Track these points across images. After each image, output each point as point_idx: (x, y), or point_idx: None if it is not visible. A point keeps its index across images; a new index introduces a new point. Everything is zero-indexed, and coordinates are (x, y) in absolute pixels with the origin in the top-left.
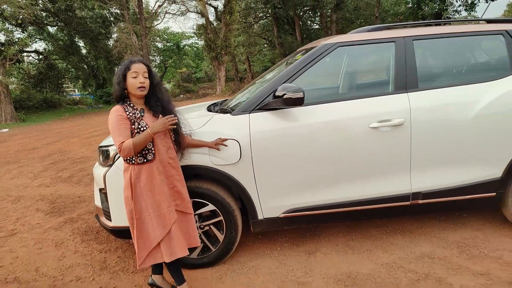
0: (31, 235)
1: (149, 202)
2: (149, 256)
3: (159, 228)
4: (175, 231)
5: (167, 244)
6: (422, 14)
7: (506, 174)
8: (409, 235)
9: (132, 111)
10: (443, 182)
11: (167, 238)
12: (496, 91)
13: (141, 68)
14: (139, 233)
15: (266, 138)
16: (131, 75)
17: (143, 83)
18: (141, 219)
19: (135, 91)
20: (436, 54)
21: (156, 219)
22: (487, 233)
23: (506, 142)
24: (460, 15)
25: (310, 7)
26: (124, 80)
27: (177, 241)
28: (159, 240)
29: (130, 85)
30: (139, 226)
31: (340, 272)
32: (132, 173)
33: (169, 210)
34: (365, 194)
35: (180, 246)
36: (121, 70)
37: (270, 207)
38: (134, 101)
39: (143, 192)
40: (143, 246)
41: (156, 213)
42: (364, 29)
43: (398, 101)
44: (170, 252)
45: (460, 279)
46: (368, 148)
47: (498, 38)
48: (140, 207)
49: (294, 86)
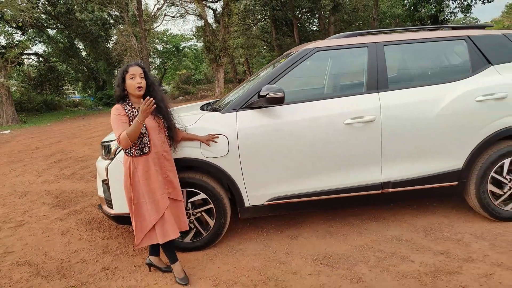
0: (38, 225)
1: (145, 189)
2: (145, 237)
3: (154, 213)
4: (168, 215)
5: (161, 227)
6: (419, 16)
7: (466, 166)
8: (383, 221)
9: (130, 109)
10: (410, 173)
11: (161, 222)
12: (457, 91)
13: (137, 70)
14: (137, 217)
15: (252, 133)
16: (129, 77)
17: (140, 83)
18: (139, 205)
19: (134, 91)
20: (405, 58)
21: (151, 205)
22: (452, 219)
23: (466, 137)
24: (456, 16)
25: (308, 9)
26: (123, 82)
27: (170, 224)
28: (153, 223)
29: (129, 86)
30: (137, 211)
31: (317, 253)
32: (131, 164)
33: (163, 197)
34: (341, 183)
35: (172, 229)
36: (120, 74)
37: (255, 196)
38: (133, 100)
39: (140, 181)
40: (141, 228)
41: (151, 200)
42: (341, 35)
43: (370, 100)
44: (163, 234)
45: (422, 256)
46: (343, 142)
47: (461, 43)
48: (138, 194)
49: (276, 86)
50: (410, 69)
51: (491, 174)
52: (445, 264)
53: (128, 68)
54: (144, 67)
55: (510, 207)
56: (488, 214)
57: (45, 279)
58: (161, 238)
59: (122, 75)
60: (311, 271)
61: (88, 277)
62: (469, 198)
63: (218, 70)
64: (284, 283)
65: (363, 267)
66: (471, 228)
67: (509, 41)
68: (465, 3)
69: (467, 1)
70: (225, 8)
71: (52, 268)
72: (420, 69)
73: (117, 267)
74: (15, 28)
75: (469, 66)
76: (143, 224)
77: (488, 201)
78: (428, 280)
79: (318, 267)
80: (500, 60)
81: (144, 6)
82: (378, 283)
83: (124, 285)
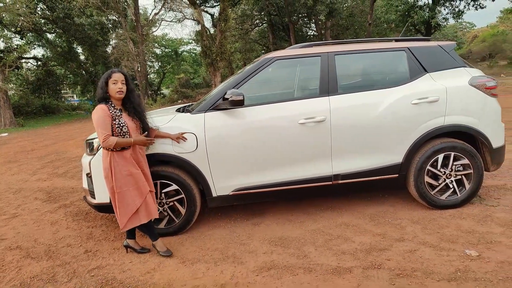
0: (30, 217)
1: (128, 179)
2: (129, 221)
3: (138, 198)
4: (149, 198)
5: (145, 209)
6: (412, 21)
7: (405, 160)
8: (337, 210)
9: (114, 110)
10: (357, 166)
11: (144, 204)
12: (396, 95)
13: (119, 77)
14: (120, 204)
15: (218, 132)
16: (112, 82)
17: (121, 89)
18: (122, 193)
19: (114, 94)
20: (353, 66)
21: (135, 191)
22: (397, 207)
23: (403, 135)
24: (448, 22)
25: (305, 14)
26: (106, 85)
27: (152, 205)
28: (138, 207)
29: (111, 90)
30: (120, 198)
31: (274, 237)
32: (112, 158)
33: (143, 184)
34: (297, 175)
35: (155, 209)
36: (104, 78)
37: (221, 187)
38: (114, 102)
39: (122, 172)
40: (124, 213)
41: (134, 187)
42: (298, 45)
43: (321, 103)
44: (147, 213)
45: (362, 238)
46: (298, 139)
47: (402, 54)
48: (120, 183)
49: (237, 91)
50: (357, 76)
51: (427, 167)
52: (379, 243)
53: (112, 74)
54: (126, 74)
55: (445, 196)
56: (425, 202)
57: (34, 260)
58: (145, 218)
59: (106, 80)
60: (266, 250)
61: (72, 258)
62: (410, 188)
63: (215, 74)
64: (240, 260)
65: (311, 247)
66: (411, 214)
67: (444, 51)
68: (456, 9)
69: (458, 8)
70: (222, 13)
71: (41, 251)
72: (366, 76)
73: (98, 250)
74: (13, 32)
75: (408, 73)
76: (127, 209)
77: (425, 191)
78: (361, 256)
79: (272, 247)
80: (435, 68)
81: (143, 10)
82: (320, 258)
83: (102, 263)
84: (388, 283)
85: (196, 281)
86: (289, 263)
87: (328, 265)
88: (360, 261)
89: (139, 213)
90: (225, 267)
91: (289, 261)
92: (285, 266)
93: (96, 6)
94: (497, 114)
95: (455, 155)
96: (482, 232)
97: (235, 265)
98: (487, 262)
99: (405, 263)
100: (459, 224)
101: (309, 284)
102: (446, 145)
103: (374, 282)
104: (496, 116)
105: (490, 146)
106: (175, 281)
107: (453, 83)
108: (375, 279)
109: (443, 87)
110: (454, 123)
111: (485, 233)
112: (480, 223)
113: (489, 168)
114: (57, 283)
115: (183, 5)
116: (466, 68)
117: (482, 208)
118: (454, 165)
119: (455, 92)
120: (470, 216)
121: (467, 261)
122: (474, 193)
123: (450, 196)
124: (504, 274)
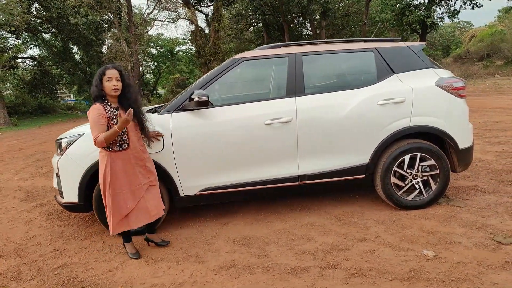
0: (6, 216)
1: (124, 181)
2: (118, 225)
3: (131, 201)
4: (141, 204)
5: (136, 214)
6: (407, 21)
7: (371, 161)
8: (306, 210)
9: (110, 109)
10: (324, 167)
11: (135, 210)
12: (362, 96)
13: (114, 74)
14: (113, 206)
15: (184, 132)
16: (106, 79)
17: (116, 86)
18: (116, 195)
19: (110, 92)
20: (321, 67)
21: (128, 194)
22: (365, 208)
23: (369, 136)
24: (444, 22)
25: (299, 14)
26: (101, 83)
27: (143, 212)
28: (129, 210)
29: (106, 87)
30: (114, 201)
31: (239, 236)
32: (109, 159)
33: (138, 188)
34: (263, 176)
35: (145, 216)
36: (98, 75)
37: (188, 186)
38: (110, 99)
39: (119, 173)
40: (115, 216)
41: (129, 190)
42: (266, 46)
43: (287, 104)
44: (137, 220)
45: (325, 238)
46: (264, 140)
47: (370, 54)
48: (115, 185)
49: (203, 91)
50: (325, 77)
51: (394, 168)
52: (341, 243)
53: (106, 71)
54: (121, 69)
55: (412, 197)
56: (392, 203)
57: (2, 258)
58: (134, 223)
59: (100, 77)
60: (229, 250)
61: (39, 256)
62: (377, 189)
63: None
64: (202, 259)
65: (273, 247)
66: (377, 215)
67: (412, 52)
68: (452, 8)
69: (454, 7)
70: (215, 13)
71: (10, 249)
72: (334, 76)
73: (66, 249)
74: (8, 32)
75: (375, 74)
76: (120, 212)
77: (392, 191)
78: (321, 255)
79: (236, 246)
80: (403, 69)
81: (139, 10)
82: (280, 258)
83: (68, 262)
84: (342, 282)
85: (156, 280)
86: (249, 262)
87: (287, 264)
88: (318, 260)
89: (129, 218)
90: (186, 266)
91: (250, 260)
92: (244, 266)
93: (89, 6)
94: (464, 115)
95: (422, 156)
96: (444, 232)
97: (196, 264)
98: (442, 263)
99: (363, 263)
100: (423, 224)
101: (265, 283)
102: (412, 146)
103: (328, 281)
104: (463, 116)
105: (456, 147)
106: (135, 279)
107: (420, 84)
108: (330, 278)
109: (409, 88)
110: (420, 124)
111: (446, 233)
112: (443, 223)
113: (456, 169)
114: (21, 280)
115: (177, 5)
116: (434, 69)
117: (448, 209)
118: (421, 166)
119: (421, 93)
120: (434, 216)
121: (423, 261)
122: (441, 194)
123: (416, 197)
124: (458, 275)
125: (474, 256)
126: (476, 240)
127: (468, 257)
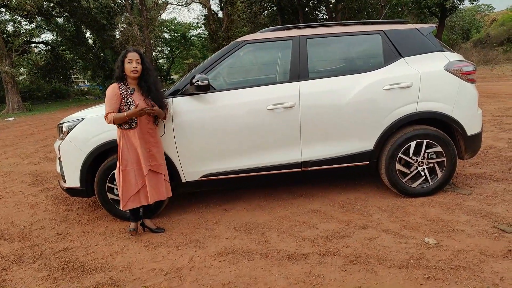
0: (12, 199)
1: (132, 158)
2: (129, 201)
3: (140, 178)
4: (149, 181)
5: (143, 191)
6: (425, 3)
7: (376, 147)
8: (309, 197)
9: (125, 89)
10: (327, 153)
11: (144, 187)
12: (367, 81)
13: (134, 56)
14: (124, 182)
15: (186, 117)
16: (127, 61)
17: (136, 68)
18: (126, 171)
19: (129, 73)
20: (326, 50)
21: (138, 172)
22: (369, 195)
23: (374, 121)
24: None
25: None
26: (122, 65)
27: (153, 188)
28: (139, 188)
29: (126, 69)
30: (125, 177)
31: (241, 222)
32: (121, 135)
33: (145, 166)
34: (266, 162)
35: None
36: (120, 57)
37: (190, 172)
38: (129, 81)
39: (129, 150)
40: (127, 192)
41: (138, 167)
42: (270, 29)
43: (291, 88)
44: (145, 197)
45: (327, 224)
46: (266, 125)
47: (377, 37)
48: (125, 161)
49: (203, 76)
50: (330, 60)
51: (399, 155)
52: (342, 230)
53: (127, 54)
54: (141, 53)
55: (417, 184)
56: (397, 190)
57: (6, 241)
58: (145, 200)
59: (122, 59)
60: (229, 236)
61: (42, 240)
62: (382, 176)
63: None
64: (202, 244)
65: (274, 233)
66: (381, 202)
67: (421, 35)
68: None
69: None
70: None
71: (14, 233)
72: (339, 60)
73: (69, 233)
74: (21, 16)
75: (382, 58)
76: (129, 189)
77: (397, 178)
78: (321, 242)
79: (236, 232)
80: (411, 53)
81: None
82: (279, 244)
83: (69, 246)
84: (340, 269)
85: (154, 264)
86: (248, 248)
87: (286, 251)
88: (318, 247)
89: (139, 194)
90: (186, 251)
91: (249, 246)
92: (243, 251)
93: None
94: (473, 101)
95: (428, 142)
96: (447, 220)
97: (196, 249)
98: (443, 251)
99: (362, 250)
100: (426, 212)
101: (263, 269)
102: (418, 132)
103: (326, 268)
104: (472, 102)
105: (464, 134)
106: (134, 263)
107: (428, 68)
108: (328, 265)
109: (417, 72)
110: (427, 110)
111: (449, 221)
112: (447, 211)
113: (463, 156)
114: (22, 263)
115: None
116: (444, 52)
117: (454, 197)
118: (427, 152)
119: (428, 77)
120: (439, 204)
121: (423, 249)
122: (447, 181)
123: (421, 184)
124: (458, 263)
125: (476, 244)
126: (480, 228)
127: (470, 245)
